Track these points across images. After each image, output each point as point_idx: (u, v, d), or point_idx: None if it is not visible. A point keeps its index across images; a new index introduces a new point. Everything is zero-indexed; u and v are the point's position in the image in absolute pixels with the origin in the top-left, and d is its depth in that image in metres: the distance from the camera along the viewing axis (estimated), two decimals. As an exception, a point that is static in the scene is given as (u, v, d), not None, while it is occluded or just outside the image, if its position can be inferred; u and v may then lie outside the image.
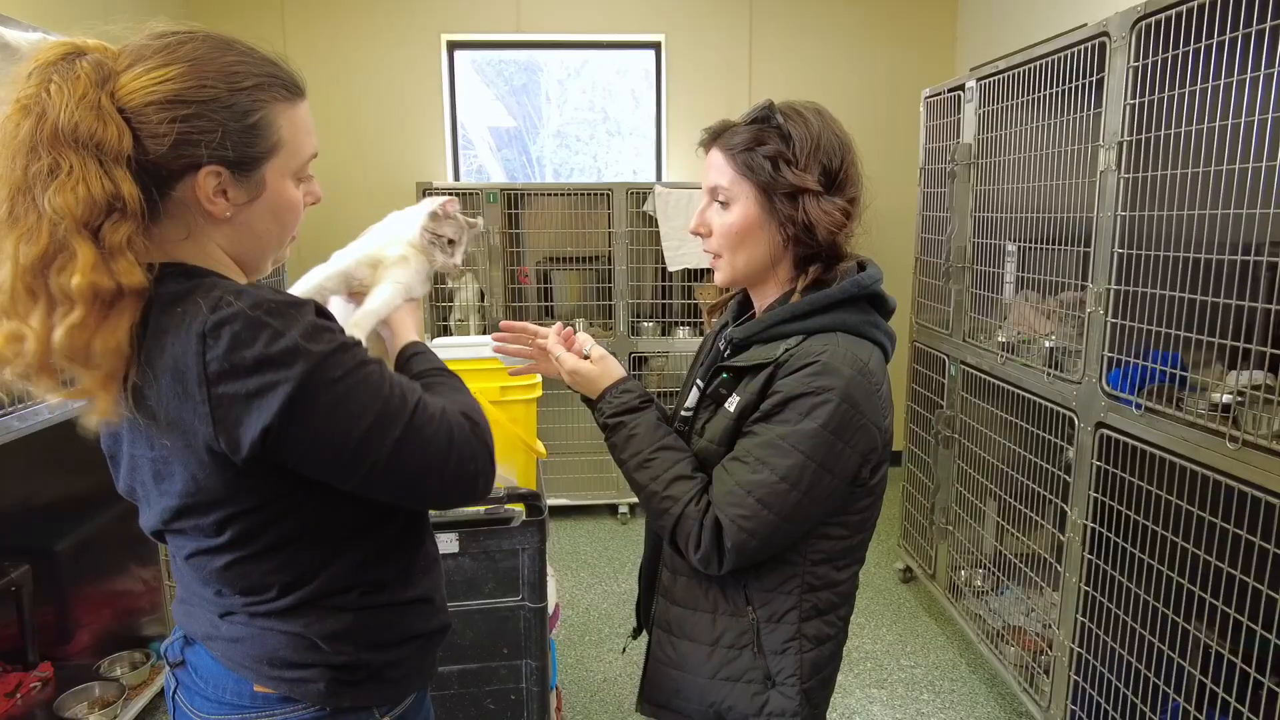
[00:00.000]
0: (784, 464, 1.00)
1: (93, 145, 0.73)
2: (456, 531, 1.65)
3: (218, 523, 0.84)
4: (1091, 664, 2.04)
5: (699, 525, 1.02)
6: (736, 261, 1.12)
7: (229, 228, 0.85)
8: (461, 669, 1.72)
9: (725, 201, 1.10)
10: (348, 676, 0.93)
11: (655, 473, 1.07)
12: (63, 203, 0.72)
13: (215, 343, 0.74)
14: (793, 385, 1.01)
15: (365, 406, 0.80)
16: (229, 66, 0.82)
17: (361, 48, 4.23)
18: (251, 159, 0.82)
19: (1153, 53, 1.77)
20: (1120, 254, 1.88)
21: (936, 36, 4.40)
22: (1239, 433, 1.54)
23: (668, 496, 1.05)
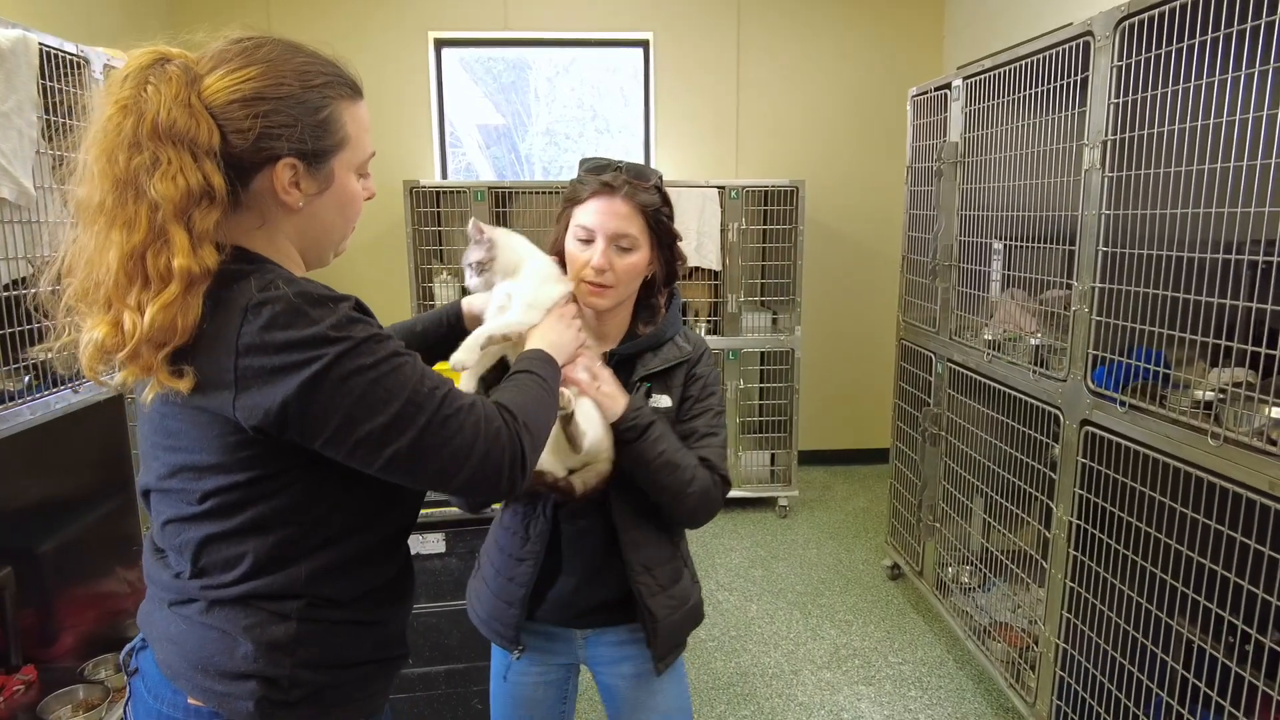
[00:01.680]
0: (721, 421, 1.38)
1: (187, 140, 0.81)
2: (443, 532, 1.64)
3: (204, 491, 0.87)
4: (1077, 659, 2.06)
5: (713, 484, 1.31)
6: (628, 292, 1.34)
7: (299, 218, 0.91)
8: (448, 669, 1.71)
9: (629, 247, 1.29)
10: (279, 695, 0.89)
11: (683, 460, 1.28)
12: (165, 191, 0.79)
13: (255, 319, 0.80)
14: (706, 370, 1.38)
15: (392, 393, 0.84)
16: (301, 66, 0.89)
17: (348, 45, 4.20)
18: (322, 152, 0.89)
19: (1136, 52, 1.78)
20: (1105, 252, 1.89)
21: (924, 35, 4.41)
22: (1221, 430, 1.56)
23: (696, 476, 1.28)
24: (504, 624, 1.35)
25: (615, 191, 1.27)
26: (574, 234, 1.29)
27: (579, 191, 1.30)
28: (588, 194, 1.29)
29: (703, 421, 1.35)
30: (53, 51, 1.92)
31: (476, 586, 1.42)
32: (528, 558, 1.32)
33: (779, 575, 3.40)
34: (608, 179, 1.28)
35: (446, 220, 3.94)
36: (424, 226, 3.89)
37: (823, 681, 2.64)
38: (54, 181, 1.93)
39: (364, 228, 4.38)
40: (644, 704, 1.41)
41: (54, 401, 1.90)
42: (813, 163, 4.36)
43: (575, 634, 1.40)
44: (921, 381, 3.03)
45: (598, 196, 1.28)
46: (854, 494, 4.34)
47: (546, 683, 1.43)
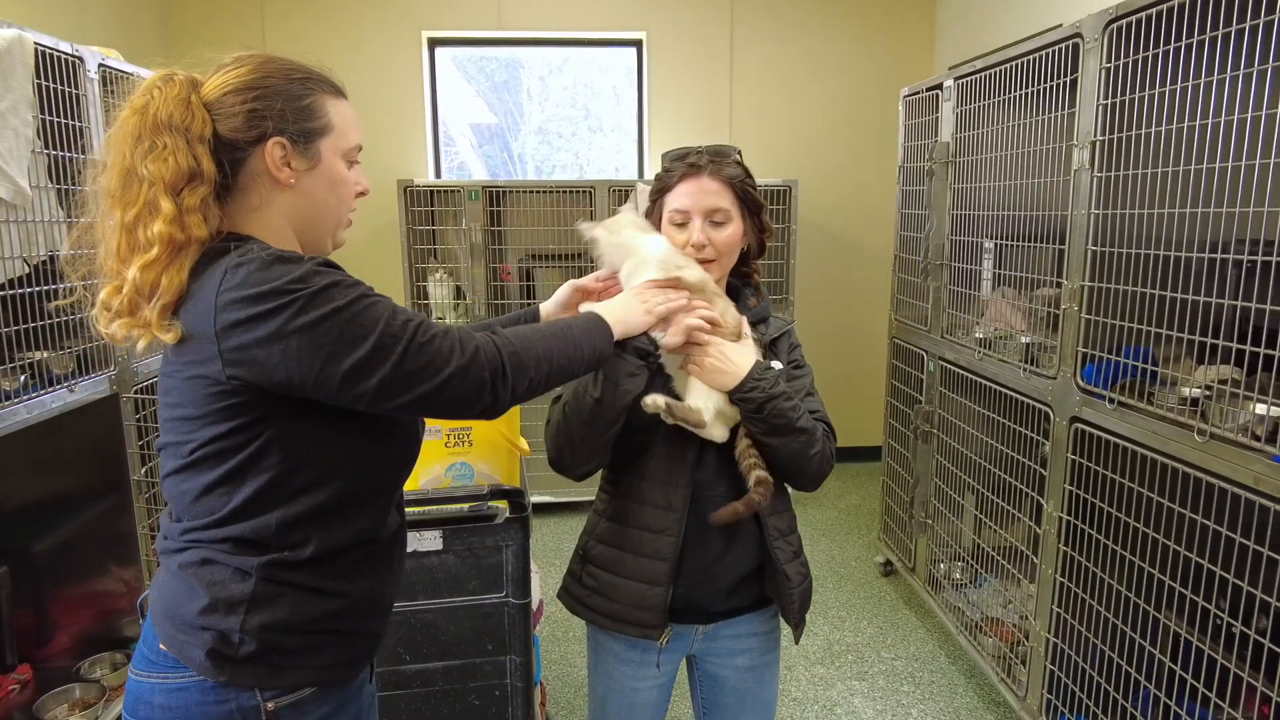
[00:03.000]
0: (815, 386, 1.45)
1: (182, 128, 0.94)
2: (440, 529, 1.65)
3: (193, 444, 0.95)
4: (1067, 654, 2.08)
5: (827, 437, 1.37)
6: (727, 265, 1.39)
7: (292, 195, 1.02)
8: (445, 665, 1.72)
9: (723, 221, 1.34)
10: (228, 650, 0.95)
11: (805, 415, 1.33)
12: (156, 170, 0.93)
13: (233, 276, 0.89)
14: (797, 341, 1.48)
15: (367, 328, 0.92)
16: (285, 64, 1.02)
17: (342, 44, 4.20)
18: (309, 132, 1.01)
19: (1125, 54, 1.80)
20: (1094, 251, 1.91)
21: (915, 35, 4.44)
22: (1207, 426, 1.58)
23: (813, 426, 1.34)
24: (649, 608, 1.32)
25: (702, 170, 1.34)
26: (669, 219, 1.35)
27: (667, 180, 1.37)
28: (676, 179, 1.35)
29: (806, 382, 1.43)
30: (48, 51, 1.92)
31: (600, 584, 1.38)
32: (670, 527, 1.32)
33: (772, 572, 3.42)
34: (692, 160, 1.35)
35: (440, 219, 3.95)
36: (418, 226, 3.89)
37: (816, 677, 2.66)
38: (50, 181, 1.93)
39: (358, 226, 4.36)
40: (750, 692, 1.46)
41: (50, 400, 1.90)
42: (805, 162, 4.38)
43: (696, 629, 1.41)
44: (913, 379, 3.05)
45: (686, 179, 1.34)
46: (846, 491, 4.36)
47: (660, 685, 1.45)
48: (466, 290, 3.92)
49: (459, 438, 1.69)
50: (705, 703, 1.50)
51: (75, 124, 2.03)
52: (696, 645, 1.43)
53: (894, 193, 3.20)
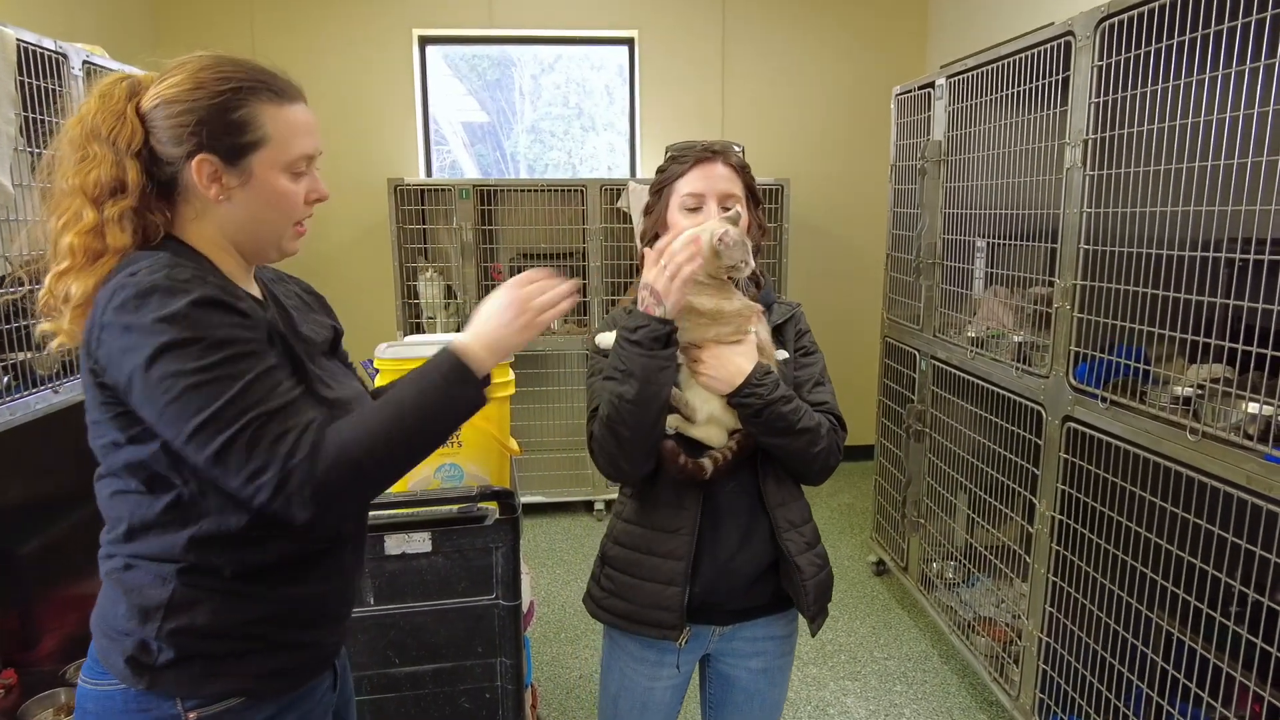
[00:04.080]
0: (827, 375, 1.43)
1: (110, 140, 0.94)
2: (429, 530, 1.64)
3: (97, 448, 0.97)
4: (1059, 653, 2.08)
5: (833, 432, 1.35)
6: None
7: (226, 210, 0.99)
8: (436, 668, 1.71)
9: (731, 206, 1.34)
10: (147, 658, 0.94)
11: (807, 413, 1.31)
12: (81, 180, 0.94)
13: (113, 297, 0.89)
14: (807, 327, 1.48)
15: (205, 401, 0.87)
16: (220, 73, 0.96)
17: (331, 42, 4.18)
18: (238, 148, 0.96)
19: (1117, 52, 1.80)
20: (1086, 250, 1.91)
21: (907, 34, 4.44)
22: (1199, 425, 1.58)
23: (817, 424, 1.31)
24: (667, 608, 1.31)
25: (717, 156, 1.35)
26: (681, 204, 1.34)
27: (677, 167, 1.36)
28: (689, 165, 1.35)
29: (815, 370, 1.41)
30: (31, 48, 1.90)
31: (616, 585, 1.37)
32: (684, 526, 1.31)
33: (765, 572, 3.41)
34: (707, 145, 1.36)
35: (431, 218, 3.93)
36: (408, 225, 3.87)
37: (808, 677, 2.65)
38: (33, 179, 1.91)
39: (347, 225, 4.37)
40: (760, 693, 1.45)
41: (34, 402, 1.88)
42: (797, 161, 4.38)
43: (713, 630, 1.40)
44: (905, 378, 3.05)
45: (700, 164, 1.34)
46: (839, 490, 4.36)
47: (675, 686, 1.44)
48: (458, 290, 3.91)
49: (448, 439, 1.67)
50: (713, 699, 1.50)
51: (59, 121, 2.00)
52: (713, 645, 1.43)
53: (886, 191, 3.19)
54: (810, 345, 1.44)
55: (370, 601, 1.65)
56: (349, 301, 4.37)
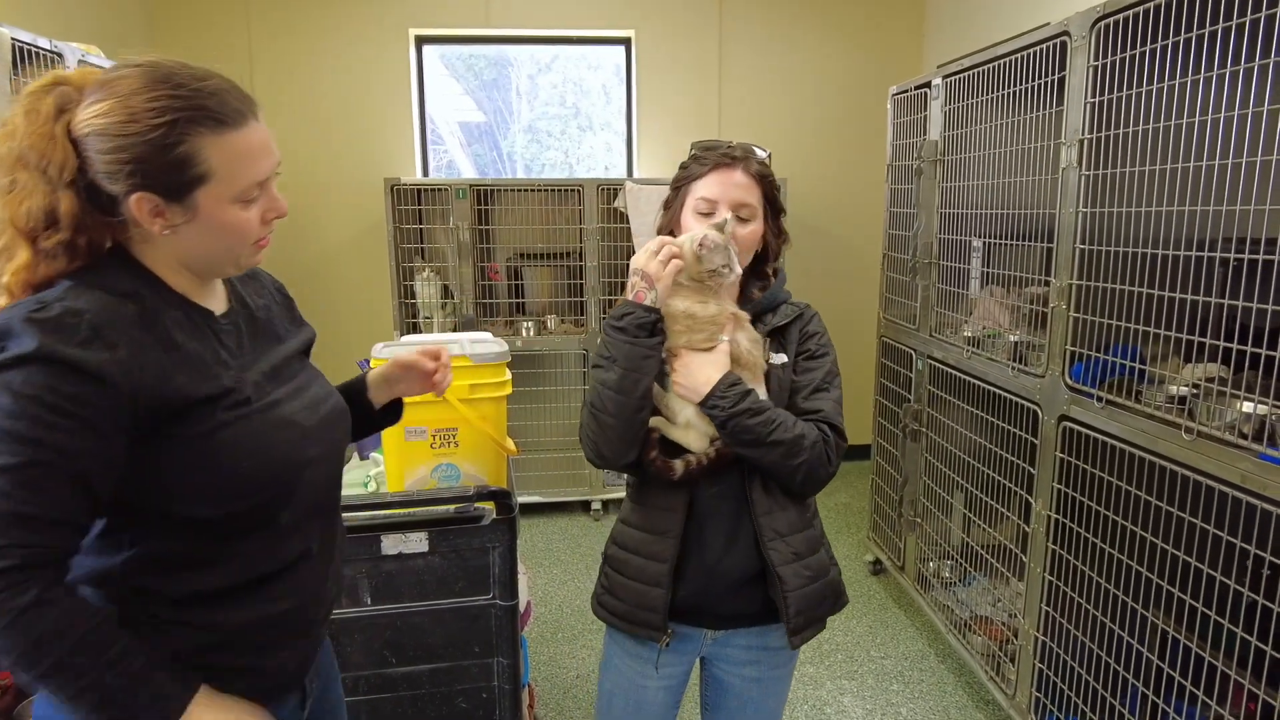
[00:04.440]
0: (837, 379, 1.39)
1: (41, 168, 0.87)
2: (426, 530, 1.64)
3: None
4: (1055, 652, 2.08)
5: (824, 444, 1.30)
6: (745, 261, 1.37)
7: (174, 240, 0.93)
8: (433, 668, 1.71)
9: (748, 218, 1.34)
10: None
11: (784, 425, 1.27)
12: (10, 214, 0.87)
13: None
14: (816, 327, 1.42)
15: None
16: (154, 103, 0.87)
17: (328, 42, 4.17)
18: (179, 186, 0.89)
19: (1112, 52, 1.80)
20: (1082, 250, 1.91)
21: (904, 34, 4.44)
22: (1194, 424, 1.58)
23: (799, 435, 1.27)
24: (651, 609, 1.33)
25: (736, 163, 1.33)
26: (694, 207, 1.33)
27: (697, 168, 1.35)
28: (708, 168, 1.34)
29: (818, 375, 1.36)
30: (26, 46, 1.90)
31: (611, 584, 1.40)
32: (669, 530, 1.32)
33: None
34: (727, 151, 1.34)
35: (428, 218, 3.92)
36: (405, 224, 3.86)
37: (805, 676, 2.65)
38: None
39: (344, 225, 4.36)
40: (753, 701, 1.44)
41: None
42: (794, 161, 4.38)
43: (705, 633, 1.39)
44: (902, 378, 3.05)
45: (719, 169, 1.33)
46: (835, 490, 4.37)
47: (669, 688, 1.43)
48: (454, 290, 3.90)
49: (444, 439, 1.67)
50: (709, 701, 1.51)
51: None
52: (707, 648, 1.43)
53: (883, 191, 3.19)
54: (817, 348, 1.39)
55: (367, 601, 1.65)
56: (345, 301, 4.38)
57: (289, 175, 1.02)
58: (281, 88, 4.17)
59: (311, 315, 1.27)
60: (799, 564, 1.33)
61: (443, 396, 1.36)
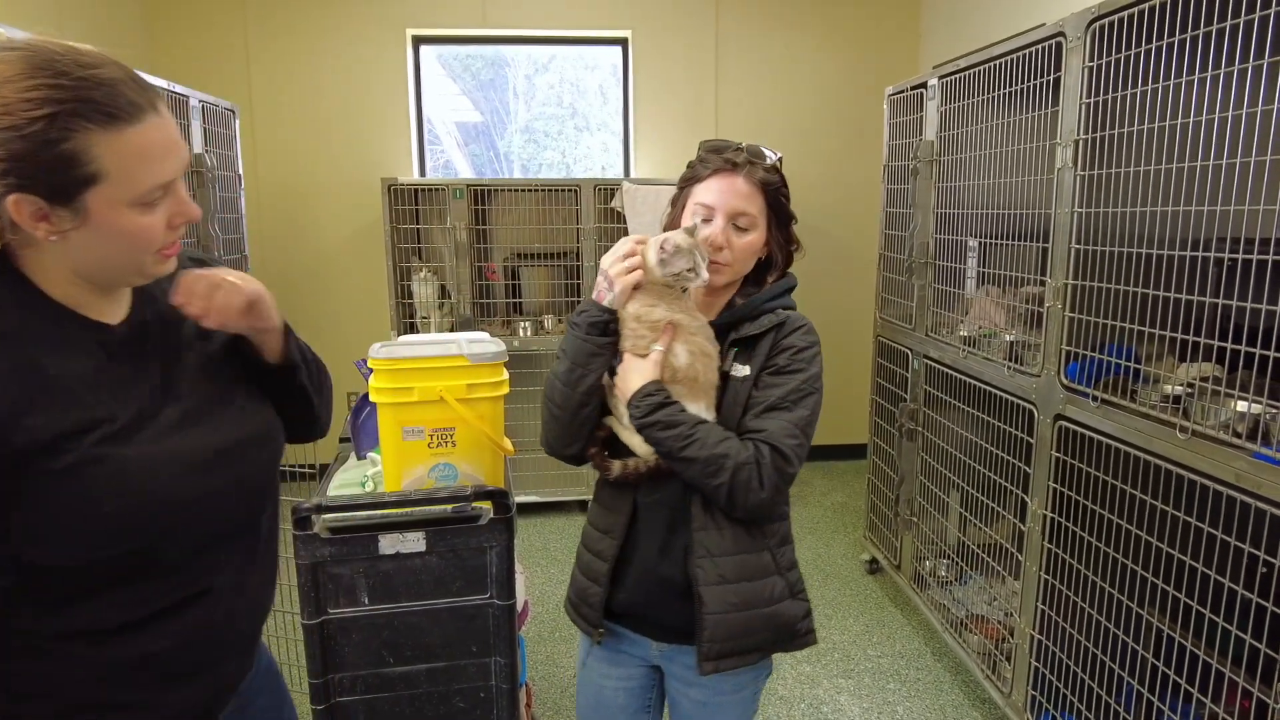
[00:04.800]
0: (810, 401, 1.27)
1: None
2: (424, 530, 1.63)
3: None
4: (1051, 650, 2.09)
5: (757, 467, 1.21)
6: (739, 271, 1.33)
7: (63, 247, 0.83)
8: (429, 668, 1.70)
9: (747, 227, 1.30)
10: None
11: (701, 442, 1.21)
12: None
13: None
14: (798, 341, 1.29)
15: None
16: (30, 94, 0.76)
17: (325, 42, 4.17)
18: (64, 187, 0.79)
19: (1107, 53, 1.81)
20: (1077, 249, 1.92)
21: (900, 34, 4.45)
22: (1189, 423, 1.59)
23: (718, 455, 1.20)
24: (589, 604, 1.36)
25: (738, 170, 1.29)
26: (694, 212, 1.30)
27: (699, 170, 1.31)
28: (709, 172, 1.30)
29: (775, 392, 1.26)
30: (22, 47, 1.89)
31: (571, 576, 1.44)
32: (612, 529, 1.34)
33: (759, 571, 3.42)
34: (730, 156, 1.29)
35: (425, 218, 3.92)
36: (402, 224, 3.86)
37: (802, 675, 2.66)
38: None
39: (340, 225, 4.36)
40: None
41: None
42: (790, 161, 4.38)
43: (651, 643, 1.39)
44: (898, 378, 3.06)
45: (719, 175, 1.29)
46: (832, 489, 4.37)
47: (628, 689, 1.43)
48: (451, 290, 3.90)
49: (442, 439, 1.67)
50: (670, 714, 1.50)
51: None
52: (658, 659, 1.41)
53: (879, 191, 3.20)
54: (787, 363, 1.27)
55: (364, 601, 1.65)
56: (342, 301, 4.38)
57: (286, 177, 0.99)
58: (279, 87, 4.17)
59: (308, 315, 1.27)
60: (725, 587, 1.27)
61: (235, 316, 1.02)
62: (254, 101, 4.14)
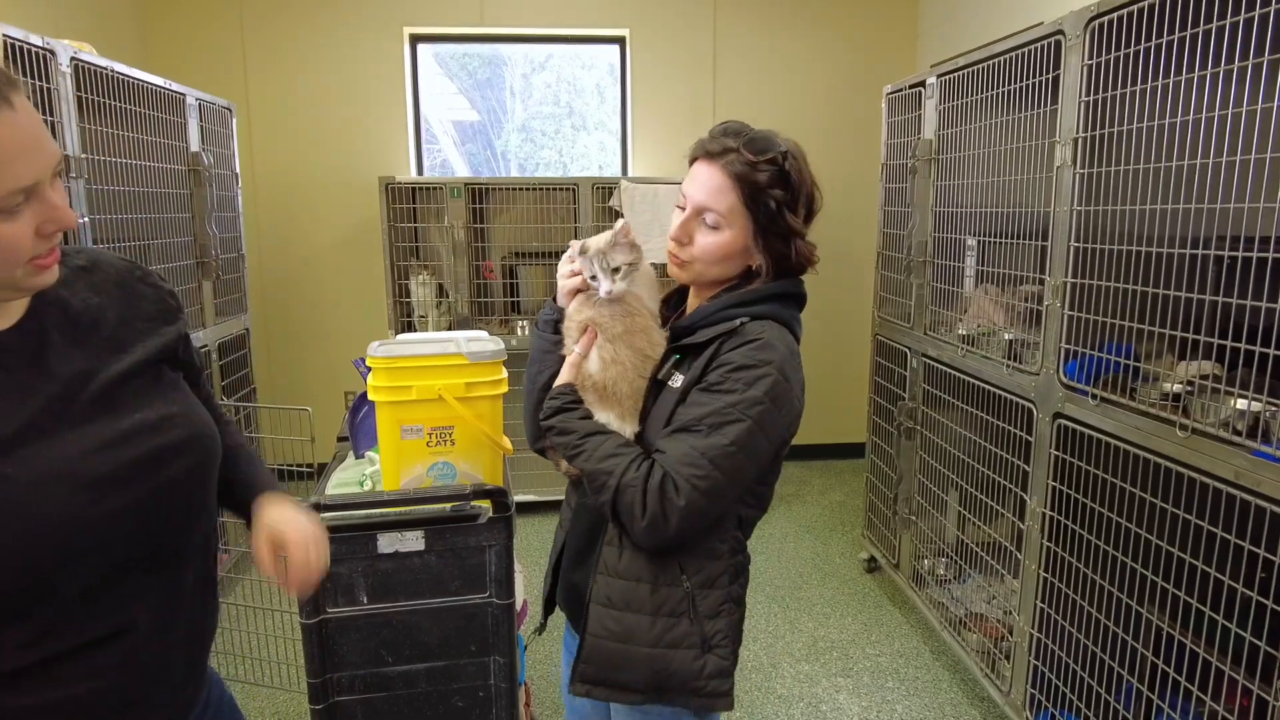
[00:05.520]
0: (734, 429, 1.07)
1: None
2: (423, 529, 1.63)
3: None
4: (1050, 649, 2.09)
5: (641, 492, 1.08)
6: (709, 273, 1.20)
7: None
8: (429, 667, 1.70)
9: (715, 225, 1.14)
10: None
11: (588, 454, 1.14)
12: None
13: None
14: (738, 358, 1.10)
15: None
16: None
17: (322, 40, 4.16)
18: None
19: (1106, 51, 1.81)
20: (1076, 248, 1.92)
21: (898, 33, 4.45)
22: (1189, 421, 1.59)
23: (602, 471, 1.11)
24: (542, 592, 1.40)
25: (714, 159, 1.13)
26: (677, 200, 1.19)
27: (692, 156, 1.20)
28: (692, 157, 1.19)
29: (694, 413, 1.09)
30: (18, 44, 1.88)
31: None
32: (562, 523, 1.36)
33: (756, 569, 3.42)
34: (708, 143, 1.14)
35: (423, 217, 3.91)
36: (400, 224, 3.86)
37: (801, 674, 2.66)
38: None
39: (337, 225, 4.35)
40: None
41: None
42: (789, 160, 4.38)
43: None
44: (896, 376, 3.06)
45: (699, 161, 1.17)
46: (830, 488, 4.37)
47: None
48: (449, 289, 3.90)
49: (441, 437, 1.67)
50: None
51: (48, 119, 1.99)
52: None
53: (877, 190, 3.20)
54: (719, 380, 1.09)
55: (363, 600, 1.65)
56: (340, 300, 4.37)
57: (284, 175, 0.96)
58: (276, 86, 4.15)
59: (305, 314, 1.27)
60: (607, 611, 1.17)
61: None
62: (251, 100, 4.13)
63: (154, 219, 2.66)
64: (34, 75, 1.93)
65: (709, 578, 1.17)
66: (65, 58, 2.07)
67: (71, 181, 2.12)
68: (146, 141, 2.61)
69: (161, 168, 2.73)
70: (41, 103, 1.97)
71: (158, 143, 2.70)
